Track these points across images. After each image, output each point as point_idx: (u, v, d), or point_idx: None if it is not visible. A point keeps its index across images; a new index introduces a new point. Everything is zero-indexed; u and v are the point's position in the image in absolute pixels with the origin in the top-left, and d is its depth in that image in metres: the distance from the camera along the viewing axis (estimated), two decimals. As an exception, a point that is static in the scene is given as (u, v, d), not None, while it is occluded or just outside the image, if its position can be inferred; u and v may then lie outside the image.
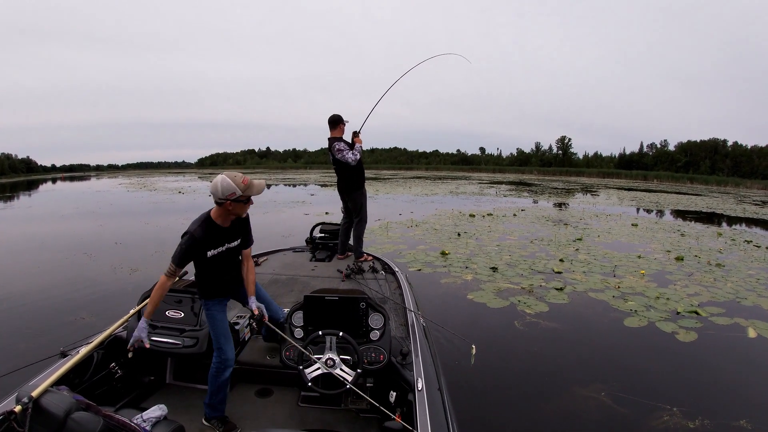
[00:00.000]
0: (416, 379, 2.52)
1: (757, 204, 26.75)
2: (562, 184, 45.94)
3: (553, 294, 6.70)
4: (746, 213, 20.92)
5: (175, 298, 3.04)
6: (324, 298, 2.80)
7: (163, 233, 12.43)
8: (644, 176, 62.79)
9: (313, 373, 2.59)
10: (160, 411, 2.20)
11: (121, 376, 2.97)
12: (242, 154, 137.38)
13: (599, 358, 4.85)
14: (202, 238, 2.63)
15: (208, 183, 42.56)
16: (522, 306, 6.15)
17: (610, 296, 6.68)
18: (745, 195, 37.10)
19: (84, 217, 16.89)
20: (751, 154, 63.81)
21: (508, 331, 5.42)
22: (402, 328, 3.42)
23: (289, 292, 4.24)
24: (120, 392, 2.97)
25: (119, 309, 4.37)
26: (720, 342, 5.27)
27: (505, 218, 15.78)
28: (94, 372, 2.83)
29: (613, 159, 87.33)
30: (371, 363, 2.68)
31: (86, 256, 9.40)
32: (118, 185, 40.95)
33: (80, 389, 2.59)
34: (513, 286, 7.06)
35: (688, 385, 4.35)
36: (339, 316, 2.80)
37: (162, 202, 22.52)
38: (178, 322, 2.98)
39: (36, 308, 6.09)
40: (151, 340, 2.69)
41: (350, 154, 5.29)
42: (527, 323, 5.59)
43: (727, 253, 10.41)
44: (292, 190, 33.26)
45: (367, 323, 2.82)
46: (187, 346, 2.86)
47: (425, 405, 2.30)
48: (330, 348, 2.62)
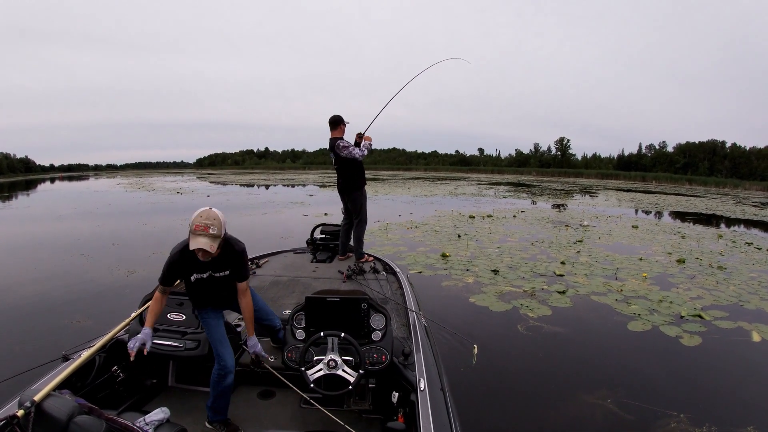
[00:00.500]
0: (418, 379, 2.51)
1: (756, 206, 26.74)
2: (561, 185, 45.91)
3: (556, 297, 6.64)
4: (746, 215, 20.89)
5: (177, 301, 3.02)
6: (325, 300, 2.79)
7: (160, 234, 12.33)
8: (643, 177, 62.79)
9: (315, 375, 2.58)
10: (163, 414, 2.20)
11: (124, 380, 2.96)
12: (241, 155, 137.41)
13: (604, 363, 4.79)
14: (178, 263, 2.64)
15: (206, 183, 42.73)
16: (525, 309, 6.09)
17: (613, 300, 6.62)
18: (743, 196, 37.13)
19: (81, 217, 16.80)
20: (749, 155, 63.92)
21: (511, 334, 5.36)
22: (404, 328, 3.41)
23: (290, 294, 4.23)
24: (122, 395, 2.96)
25: (115, 313, 4.47)
26: (724, 346, 5.21)
27: (505, 220, 15.72)
28: (97, 375, 2.81)
29: (611, 160, 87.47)
30: (373, 364, 2.67)
31: (83, 258, 9.31)
32: (116, 185, 40.83)
33: (83, 393, 2.58)
34: (515, 290, 7.00)
35: (694, 390, 4.29)
36: (341, 317, 2.78)
37: (160, 203, 22.41)
38: (180, 325, 2.96)
39: (30, 311, 5.99)
40: (153, 343, 2.68)
41: (357, 150, 5.31)
42: (530, 327, 5.53)
43: (729, 255, 10.36)
44: (291, 190, 33.16)
45: (368, 324, 2.81)
46: (189, 348, 2.84)
47: (427, 405, 2.28)
48: (332, 349, 2.61)
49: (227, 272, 2.74)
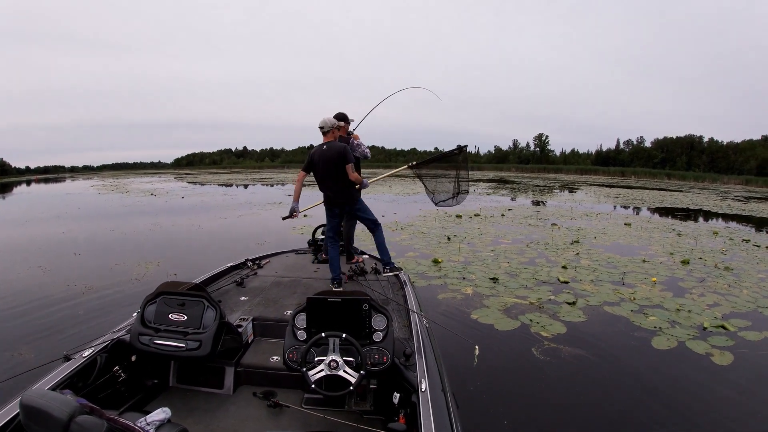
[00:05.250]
0: (420, 380, 2.49)
1: (740, 200, 26.82)
2: (542, 181, 45.83)
3: (566, 310, 5.98)
4: (732, 210, 20.76)
5: (178, 302, 3.00)
6: (327, 300, 2.77)
7: (126, 242, 11.43)
8: (622, 173, 63.43)
9: (316, 375, 2.54)
10: (164, 414, 2.19)
11: (125, 380, 2.92)
12: (219, 154, 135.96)
13: (637, 393, 4.09)
14: None
15: (184, 183, 41.77)
16: (536, 327, 5.40)
17: (629, 310, 6.00)
18: (724, 191, 37.45)
19: (48, 222, 15.69)
20: (727, 150, 64.96)
21: (527, 363, 4.61)
22: (405, 329, 3.41)
23: (291, 294, 4.19)
24: (123, 395, 2.92)
25: (60, 346, 4.08)
26: (758, 362, 4.69)
27: (494, 219, 15.15)
28: (98, 375, 2.78)
29: (590, 156, 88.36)
30: (374, 364, 2.65)
31: (40, 270, 8.38)
32: (90, 187, 39.75)
33: (84, 393, 2.54)
34: (520, 301, 6.31)
35: (737, 419, 3.71)
36: (342, 317, 2.76)
37: (132, 205, 21.47)
38: (182, 325, 2.92)
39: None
40: (154, 343, 2.77)
41: (366, 149, 5.19)
42: (546, 351, 4.81)
43: (730, 254, 9.94)
44: (269, 190, 32.41)
45: (370, 325, 2.78)
46: (191, 348, 2.82)
47: (429, 406, 2.25)
48: (333, 350, 2.57)
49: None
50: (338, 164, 4.31)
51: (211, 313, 2.93)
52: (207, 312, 2.93)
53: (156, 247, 10.71)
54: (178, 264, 8.73)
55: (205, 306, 2.95)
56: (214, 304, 2.97)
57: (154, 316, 2.92)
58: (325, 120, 4.38)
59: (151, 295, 3.02)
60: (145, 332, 2.84)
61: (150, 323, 2.89)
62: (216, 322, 2.89)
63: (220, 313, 2.94)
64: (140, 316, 2.95)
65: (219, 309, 2.96)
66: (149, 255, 9.55)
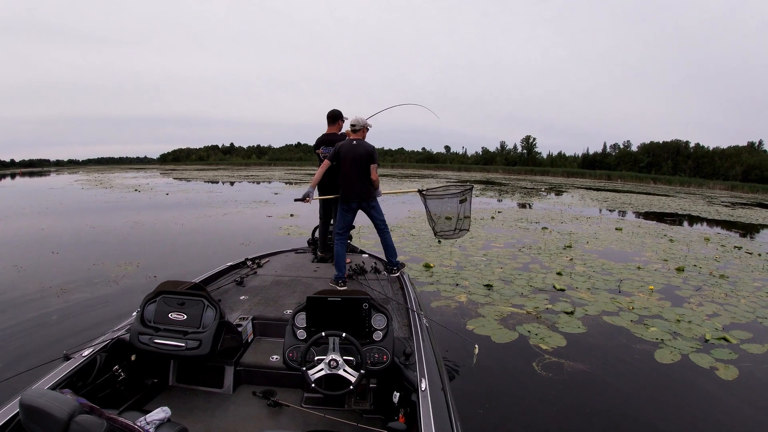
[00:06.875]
0: (419, 379, 2.49)
1: (727, 206, 27.01)
2: (530, 183, 45.90)
3: (565, 320, 5.75)
4: (721, 215, 20.86)
5: (178, 301, 2.99)
6: (326, 299, 2.77)
7: (107, 240, 10.99)
8: (608, 176, 63.88)
9: (316, 375, 2.54)
10: (164, 413, 2.20)
11: (125, 379, 2.92)
12: (205, 150, 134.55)
13: (640, 407, 3.86)
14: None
15: (169, 179, 41.15)
16: (535, 339, 5.16)
17: (628, 321, 5.79)
18: (711, 196, 37.78)
19: (29, 218, 15.09)
20: (713, 155, 65.70)
21: (528, 380, 4.33)
22: (405, 328, 3.41)
23: (291, 294, 4.20)
24: (123, 395, 2.91)
25: (31, 358, 4.07)
26: (765, 378, 4.50)
27: (484, 221, 14.95)
28: (98, 375, 2.77)
29: (576, 159, 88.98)
30: (374, 364, 2.66)
31: (15, 269, 7.97)
32: (74, 182, 38.80)
33: (83, 392, 2.57)
34: (517, 310, 6.07)
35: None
36: (342, 317, 2.76)
37: (115, 201, 20.89)
38: (181, 325, 2.92)
39: None
40: (154, 342, 2.77)
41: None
42: (548, 365, 4.56)
43: (724, 261, 9.85)
44: (256, 187, 31.98)
45: (369, 324, 2.78)
46: (191, 348, 2.81)
47: (429, 405, 2.25)
48: (333, 349, 2.57)
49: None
50: (366, 162, 4.60)
51: (211, 313, 2.93)
52: (207, 311, 2.94)
53: (137, 246, 10.31)
54: (159, 265, 8.36)
55: (204, 305, 2.95)
56: (213, 304, 2.96)
57: (153, 315, 2.91)
58: (357, 119, 4.72)
59: (151, 294, 3.03)
60: (144, 331, 2.83)
61: (150, 322, 2.89)
62: (216, 321, 2.89)
63: (219, 312, 2.94)
64: (140, 316, 2.96)
65: (219, 308, 2.96)
66: (130, 255, 9.16)
